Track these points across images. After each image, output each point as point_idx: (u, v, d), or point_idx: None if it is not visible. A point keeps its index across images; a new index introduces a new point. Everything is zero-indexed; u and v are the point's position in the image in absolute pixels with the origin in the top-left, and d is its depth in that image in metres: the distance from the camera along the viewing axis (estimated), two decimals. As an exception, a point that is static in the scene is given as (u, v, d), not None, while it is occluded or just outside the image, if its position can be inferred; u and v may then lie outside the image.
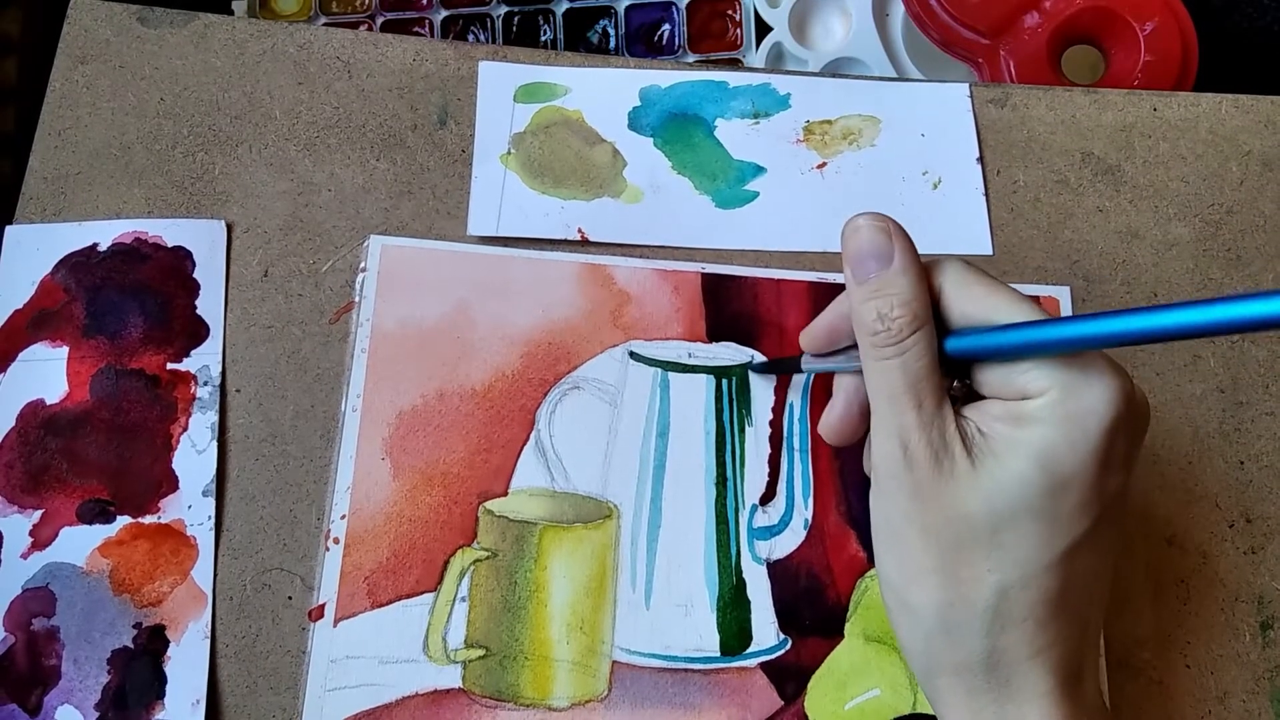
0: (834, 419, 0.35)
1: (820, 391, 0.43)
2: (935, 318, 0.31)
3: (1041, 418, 0.29)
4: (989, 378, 0.31)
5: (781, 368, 0.43)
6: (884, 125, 0.48)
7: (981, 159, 0.47)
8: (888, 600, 0.32)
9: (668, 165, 0.47)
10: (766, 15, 0.60)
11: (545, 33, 0.61)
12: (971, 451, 0.30)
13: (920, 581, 0.31)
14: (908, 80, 0.50)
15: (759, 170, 0.47)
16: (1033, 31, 0.54)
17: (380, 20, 0.61)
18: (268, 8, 0.61)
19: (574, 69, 0.48)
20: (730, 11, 0.61)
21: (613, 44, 0.61)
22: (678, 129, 0.47)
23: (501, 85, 0.47)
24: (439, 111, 0.47)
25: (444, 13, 0.61)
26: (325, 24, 0.60)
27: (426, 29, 0.61)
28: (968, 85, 0.49)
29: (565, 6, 0.62)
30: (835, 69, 0.59)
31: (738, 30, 0.61)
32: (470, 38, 0.61)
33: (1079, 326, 0.28)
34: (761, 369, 0.43)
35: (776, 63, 0.60)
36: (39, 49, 0.48)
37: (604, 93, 0.48)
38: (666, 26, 0.61)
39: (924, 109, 0.48)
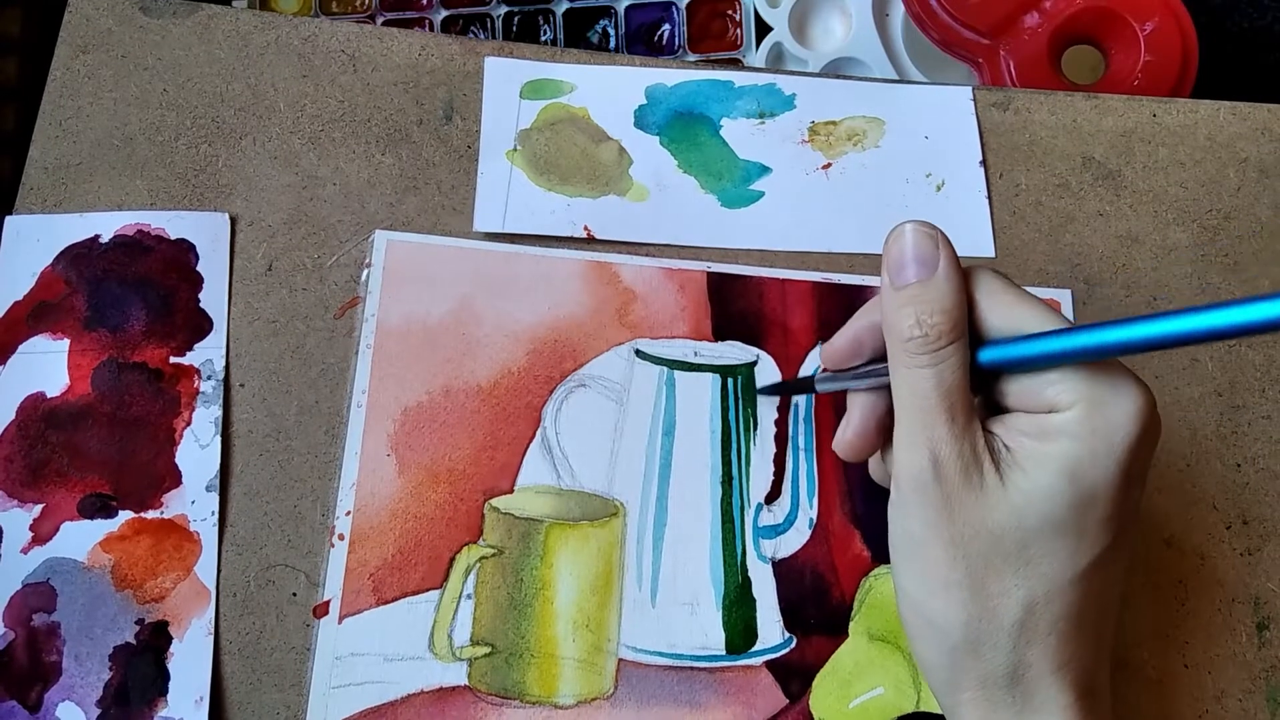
0: (850, 435, 0.35)
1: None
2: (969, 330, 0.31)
3: (1068, 432, 0.29)
4: (1015, 390, 0.31)
5: (791, 389, 0.42)
6: (888, 127, 0.48)
7: (984, 162, 0.48)
8: (906, 615, 0.32)
9: (674, 164, 0.47)
10: (766, 15, 0.60)
11: (545, 33, 0.61)
12: (999, 466, 0.30)
13: (944, 596, 0.30)
14: (911, 83, 0.51)
15: (764, 170, 0.47)
16: (1033, 31, 0.54)
17: (380, 20, 0.61)
18: (268, 8, 0.61)
19: (580, 66, 0.48)
20: (730, 11, 0.61)
21: (613, 44, 0.61)
22: (683, 128, 0.48)
23: (507, 81, 0.47)
24: (444, 107, 0.47)
25: (444, 13, 0.61)
26: (324, 18, 0.60)
27: (427, 29, 0.61)
28: (970, 89, 0.49)
29: (565, 6, 0.62)
30: (835, 69, 0.59)
31: (738, 30, 0.61)
32: (470, 37, 0.61)
33: (1113, 332, 0.28)
34: (770, 391, 0.43)
35: (776, 63, 0.60)
36: (39, 48, 0.47)
37: (610, 90, 0.48)
38: (666, 26, 0.61)
39: (927, 112, 0.48)
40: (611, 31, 0.62)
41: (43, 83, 0.45)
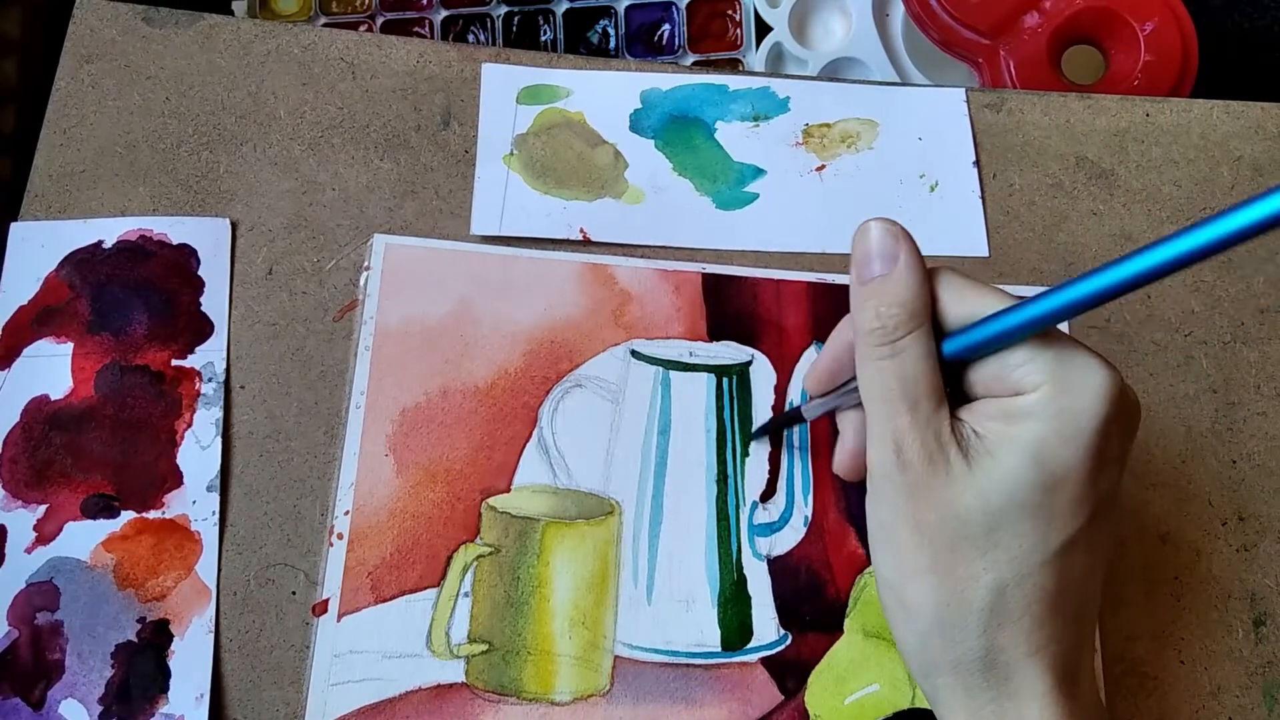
0: (847, 456, 0.35)
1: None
2: (934, 325, 0.31)
3: (1034, 413, 0.29)
4: (982, 377, 0.31)
5: (782, 423, 0.43)
6: (882, 129, 0.48)
7: (978, 162, 0.48)
8: (885, 600, 0.33)
9: (669, 167, 0.47)
10: (766, 15, 0.60)
11: (545, 33, 0.62)
12: (967, 452, 0.30)
13: (916, 581, 0.31)
14: (905, 85, 0.51)
15: (759, 172, 0.47)
16: (1033, 32, 0.54)
17: (380, 20, 0.61)
18: (267, 8, 0.61)
19: (576, 71, 0.49)
20: (730, 11, 0.62)
21: (613, 44, 0.62)
22: (678, 131, 0.48)
23: (504, 87, 0.48)
24: (442, 112, 0.47)
25: (444, 13, 0.62)
26: (325, 24, 0.61)
27: (426, 29, 0.62)
28: (964, 90, 0.49)
29: (565, 7, 0.62)
30: (835, 69, 0.60)
31: (738, 30, 0.62)
32: (470, 38, 0.62)
33: (1063, 294, 0.28)
34: (762, 432, 0.43)
35: (776, 63, 0.60)
36: (39, 49, 0.48)
37: (605, 95, 0.48)
38: (666, 26, 0.62)
39: (921, 113, 0.49)
40: (611, 31, 0.62)
41: (42, 84, 0.46)
